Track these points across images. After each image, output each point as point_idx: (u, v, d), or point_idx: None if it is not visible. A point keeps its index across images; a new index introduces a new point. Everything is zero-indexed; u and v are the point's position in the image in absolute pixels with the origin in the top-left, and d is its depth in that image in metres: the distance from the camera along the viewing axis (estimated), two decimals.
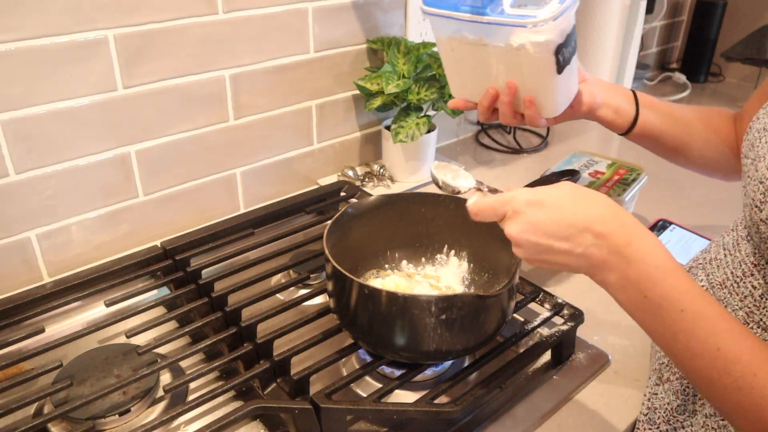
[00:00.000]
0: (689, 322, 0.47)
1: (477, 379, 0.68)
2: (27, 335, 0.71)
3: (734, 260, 0.57)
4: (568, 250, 0.52)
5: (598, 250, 0.51)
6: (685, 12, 1.87)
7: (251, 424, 0.65)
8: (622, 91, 0.77)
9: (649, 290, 0.49)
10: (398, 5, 1.12)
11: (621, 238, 0.50)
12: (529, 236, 0.54)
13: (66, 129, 0.82)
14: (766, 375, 0.45)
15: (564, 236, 0.52)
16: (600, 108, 0.75)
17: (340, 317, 0.68)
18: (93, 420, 0.63)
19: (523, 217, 0.54)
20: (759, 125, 0.53)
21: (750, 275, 0.54)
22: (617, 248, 0.50)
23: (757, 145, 0.51)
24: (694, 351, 0.47)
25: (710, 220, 1.05)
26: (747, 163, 0.52)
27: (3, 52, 0.74)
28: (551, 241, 0.53)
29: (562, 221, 0.52)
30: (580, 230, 0.51)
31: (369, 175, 1.14)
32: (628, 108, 0.75)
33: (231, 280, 0.80)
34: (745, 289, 0.54)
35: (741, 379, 0.45)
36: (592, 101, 0.74)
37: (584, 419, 0.67)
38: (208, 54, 0.91)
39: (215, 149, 0.98)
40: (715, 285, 0.59)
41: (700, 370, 0.48)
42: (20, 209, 0.82)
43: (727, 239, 0.61)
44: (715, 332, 0.47)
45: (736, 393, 0.45)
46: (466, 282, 0.80)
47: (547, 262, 0.55)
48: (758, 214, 0.49)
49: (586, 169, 0.97)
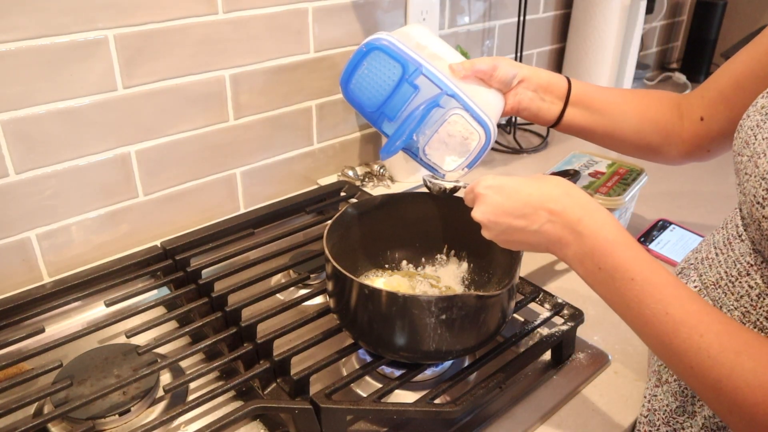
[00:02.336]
0: (639, 289, 0.50)
1: (477, 379, 0.68)
2: (27, 335, 0.71)
3: (728, 260, 0.57)
4: (525, 227, 0.57)
5: (553, 226, 0.56)
6: (685, 12, 1.87)
7: (251, 424, 0.65)
8: (554, 88, 0.77)
9: (601, 262, 0.53)
10: (398, 5, 1.12)
11: (573, 215, 0.55)
12: (490, 216, 0.59)
13: (66, 129, 0.82)
14: (712, 336, 0.46)
15: (521, 214, 0.57)
16: (520, 112, 0.78)
17: (340, 317, 0.68)
18: (93, 420, 0.63)
19: (485, 199, 0.60)
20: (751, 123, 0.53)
21: (746, 275, 0.54)
22: (570, 224, 0.55)
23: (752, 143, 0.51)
24: (646, 317, 0.50)
25: (710, 220, 1.05)
26: (743, 161, 0.52)
27: (3, 52, 0.74)
28: (509, 219, 0.58)
29: (518, 201, 0.58)
30: (536, 209, 0.56)
31: (369, 175, 1.14)
32: (552, 109, 0.78)
33: (231, 280, 0.80)
34: (741, 288, 0.54)
35: (689, 340, 0.47)
36: (511, 111, 0.77)
37: (584, 419, 0.67)
38: (208, 54, 0.91)
39: (215, 149, 0.98)
40: (708, 285, 0.59)
41: (653, 336, 0.50)
42: (20, 209, 0.82)
43: (717, 238, 0.61)
44: (662, 298, 0.49)
45: (686, 355, 0.47)
46: (466, 282, 0.79)
47: (511, 242, 0.60)
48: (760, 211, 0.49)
49: (586, 169, 0.97)
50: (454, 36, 1.26)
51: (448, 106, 0.69)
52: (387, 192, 1.07)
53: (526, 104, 0.77)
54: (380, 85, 0.70)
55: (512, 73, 0.74)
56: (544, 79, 0.77)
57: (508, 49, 1.37)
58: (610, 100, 0.78)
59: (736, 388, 0.45)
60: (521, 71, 0.75)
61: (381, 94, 0.71)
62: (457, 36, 1.26)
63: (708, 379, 0.46)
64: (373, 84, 0.71)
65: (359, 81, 0.72)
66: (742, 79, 0.66)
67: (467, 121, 0.69)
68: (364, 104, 0.72)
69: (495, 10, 1.31)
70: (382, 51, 0.69)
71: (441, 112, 0.69)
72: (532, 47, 1.44)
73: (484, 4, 1.28)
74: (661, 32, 1.82)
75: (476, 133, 0.69)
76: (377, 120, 0.72)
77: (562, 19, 1.47)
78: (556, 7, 1.45)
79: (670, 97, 0.78)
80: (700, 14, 1.73)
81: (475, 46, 1.31)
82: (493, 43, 1.35)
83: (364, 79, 0.71)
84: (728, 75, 0.68)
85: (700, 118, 0.72)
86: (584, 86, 0.78)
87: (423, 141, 0.70)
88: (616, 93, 0.80)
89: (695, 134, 0.73)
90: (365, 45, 0.69)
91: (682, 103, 0.76)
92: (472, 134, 0.69)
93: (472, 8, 1.26)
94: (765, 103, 0.53)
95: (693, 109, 0.73)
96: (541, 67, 1.49)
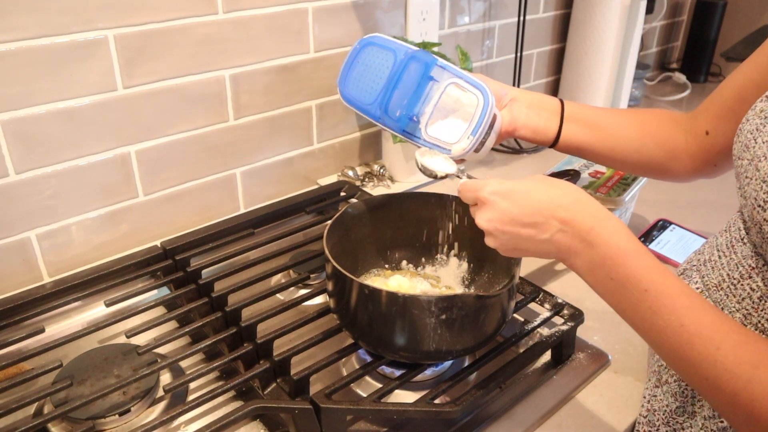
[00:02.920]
0: (652, 300, 0.49)
1: (477, 379, 0.68)
2: (27, 335, 0.71)
3: (730, 262, 0.57)
4: (535, 236, 0.55)
5: (564, 236, 0.54)
6: (685, 12, 1.87)
7: (251, 424, 0.65)
8: (547, 106, 0.77)
9: (613, 272, 0.52)
10: (398, 5, 1.12)
11: (584, 224, 0.53)
12: (497, 225, 0.57)
13: (66, 129, 0.82)
14: (728, 348, 0.46)
15: (530, 223, 0.55)
16: (518, 130, 0.76)
17: (340, 317, 0.68)
18: (93, 420, 0.63)
19: (492, 206, 0.57)
20: (750, 126, 0.53)
21: (748, 277, 0.54)
22: (581, 233, 0.53)
23: (752, 146, 0.51)
24: (659, 328, 0.49)
25: (710, 221, 1.05)
26: (743, 165, 0.52)
27: (3, 52, 0.74)
28: (518, 228, 0.56)
29: (527, 208, 0.55)
30: (547, 218, 0.54)
31: (369, 175, 1.14)
32: (549, 126, 0.76)
33: (231, 280, 0.80)
34: (743, 291, 0.54)
35: (705, 352, 0.47)
36: (509, 128, 0.76)
37: (584, 419, 0.67)
38: (208, 54, 0.91)
39: (215, 149, 0.98)
40: (710, 287, 0.59)
41: (668, 347, 0.49)
42: (20, 209, 0.82)
43: (720, 240, 0.61)
44: (676, 309, 0.48)
45: (702, 367, 0.47)
46: (466, 282, 0.80)
47: (518, 250, 0.58)
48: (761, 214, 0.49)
49: (586, 169, 0.97)
50: (454, 36, 1.25)
51: (442, 79, 0.69)
52: (387, 192, 1.07)
53: (523, 121, 0.76)
54: (376, 76, 0.71)
55: (503, 91, 0.75)
56: (536, 97, 0.77)
57: (508, 49, 1.37)
58: (606, 117, 0.78)
59: (753, 400, 0.44)
60: (511, 91, 0.76)
61: (377, 84, 0.71)
62: (457, 36, 1.26)
63: (724, 392, 0.46)
64: (368, 77, 0.72)
65: (355, 78, 0.73)
66: (745, 90, 0.65)
67: (463, 88, 0.68)
68: (363, 99, 0.72)
69: (495, 10, 1.31)
70: (374, 45, 0.72)
71: (437, 86, 0.70)
72: (532, 47, 1.44)
73: (484, 4, 1.28)
74: (661, 32, 1.82)
75: (474, 97, 0.68)
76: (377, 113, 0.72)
77: (562, 19, 1.47)
78: (556, 7, 1.45)
79: (669, 114, 0.77)
80: (700, 14, 1.73)
81: (475, 46, 1.31)
82: (493, 43, 1.35)
83: (360, 74, 0.73)
84: (731, 87, 0.67)
85: (705, 132, 0.71)
86: (578, 105, 0.78)
87: (424, 120, 0.70)
88: (611, 111, 0.79)
89: (701, 149, 0.72)
90: (358, 43, 0.73)
91: (684, 120, 0.75)
92: (471, 99, 0.68)
93: (472, 8, 1.26)
94: (764, 106, 0.53)
95: (698, 124, 0.72)
96: (541, 66, 1.50)
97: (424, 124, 0.70)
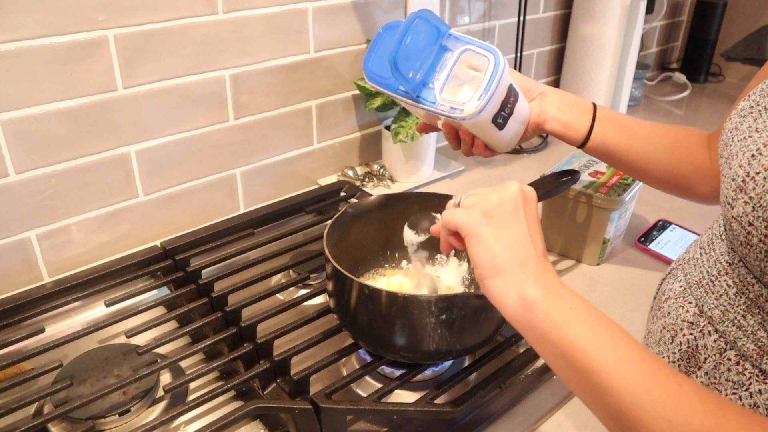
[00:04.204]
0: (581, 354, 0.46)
1: (477, 379, 0.68)
2: (27, 335, 0.71)
3: (709, 259, 0.57)
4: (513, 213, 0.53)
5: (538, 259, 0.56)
6: (685, 12, 1.87)
7: (251, 424, 0.65)
8: (580, 105, 0.77)
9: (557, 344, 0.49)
10: (398, 5, 1.12)
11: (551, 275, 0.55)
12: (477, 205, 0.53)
13: (66, 129, 0.82)
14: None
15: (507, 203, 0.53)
16: (547, 122, 0.76)
17: (340, 317, 0.68)
18: (93, 420, 0.63)
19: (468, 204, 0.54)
20: (731, 125, 0.53)
21: (725, 274, 0.54)
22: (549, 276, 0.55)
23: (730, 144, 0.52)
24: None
25: (710, 221, 1.04)
26: (722, 163, 0.53)
27: (3, 52, 0.74)
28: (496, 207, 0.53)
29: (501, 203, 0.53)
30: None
31: (369, 175, 1.14)
32: (581, 122, 0.76)
33: (231, 280, 0.80)
34: (720, 287, 0.54)
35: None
36: (538, 120, 0.76)
37: (584, 419, 0.67)
38: (208, 54, 0.91)
39: (215, 149, 0.98)
40: (692, 284, 0.59)
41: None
42: (20, 209, 0.82)
43: (703, 238, 0.61)
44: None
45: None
46: (466, 282, 0.80)
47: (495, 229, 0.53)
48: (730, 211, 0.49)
49: (586, 169, 0.97)
50: None
51: (456, 47, 0.70)
52: (387, 192, 1.07)
53: (554, 114, 0.75)
54: (422, 51, 0.69)
55: (532, 84, 0.75)
56: (568, 96, 0.77)
57: (508, 49, 1.37)
58: (639, 123, 0.77)
59: None
60: (542, 86, 0.76)
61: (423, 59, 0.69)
62: None
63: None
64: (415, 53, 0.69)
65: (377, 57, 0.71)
66: None
67: (476, 52, 0.69)
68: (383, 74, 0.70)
69: (495, 10, 1.31)
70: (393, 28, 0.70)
71: (449, 55, 0.70)
72: (532, 47, 1.44)
73: (484, 4, 1.28)
74: (661, 32, 1.82)
75: (486, 58, 0.68)
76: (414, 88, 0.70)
77: (562, 19, 1.47)
78: (556, 7, 1.45)
79: (698, 132, 0.77)
80: (700, 14, 1.73)
81: None
82: (493, 43, 1.35)
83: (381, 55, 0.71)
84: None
85: None
86: (611, 110, 0.78)
87: (438, 86, 0.69)
88: (643, 120, 0.79)
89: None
90: (412, 15, 0.69)
91: (712, 138, 0.75)
92: (482, 60, 0.68)
93: (472, 8, 1.26)
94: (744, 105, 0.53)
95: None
96: (541, 66, 1.50)
97: (438, 88, 0.69)
